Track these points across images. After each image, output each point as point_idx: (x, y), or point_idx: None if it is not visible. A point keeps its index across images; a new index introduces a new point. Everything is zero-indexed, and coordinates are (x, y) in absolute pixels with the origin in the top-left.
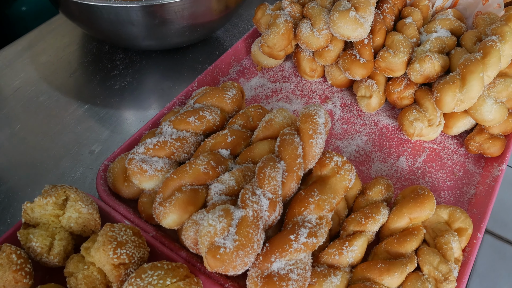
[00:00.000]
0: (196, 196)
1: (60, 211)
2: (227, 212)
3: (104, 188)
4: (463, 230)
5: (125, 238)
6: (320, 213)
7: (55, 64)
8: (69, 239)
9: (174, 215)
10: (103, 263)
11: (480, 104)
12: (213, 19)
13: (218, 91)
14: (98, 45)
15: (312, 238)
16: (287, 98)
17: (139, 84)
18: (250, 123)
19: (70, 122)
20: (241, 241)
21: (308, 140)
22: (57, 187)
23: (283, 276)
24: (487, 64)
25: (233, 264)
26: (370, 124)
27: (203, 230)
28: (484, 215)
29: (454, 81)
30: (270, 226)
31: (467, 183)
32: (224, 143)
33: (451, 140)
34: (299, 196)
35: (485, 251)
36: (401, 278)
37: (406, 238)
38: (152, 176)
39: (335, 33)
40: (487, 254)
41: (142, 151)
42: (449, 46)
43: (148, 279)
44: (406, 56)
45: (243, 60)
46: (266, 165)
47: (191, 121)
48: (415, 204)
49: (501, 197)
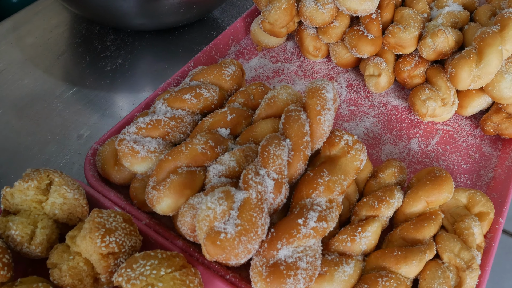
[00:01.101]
0: (193, 178)
1: (43, 197)
2: (228, 194)
3: (93, 173)
4: (484, 215)
5: (114, 225)
6: (330, 196)
7: (42, 46)
8: (53, 228)
9: (169, 199)
10: (90, 252)
11: (498, 80)
12: None
13: (216, 67)
14: (88, 26)
15: (322, 222)
16: (290, 79)
17: (131, 66)
18: (251, 101)
19: (57, 105)
20: (243, 226)
21: (315, 116)
22: (39, 170)
23: (290, 264)
24: (505, 37)
25: (235, 251)
26: (379, 105)
27: (201, 214)
28: (506, 198)
29: (470, 55)
30: (275, 210)
31: (484, 166)
32: (223, 121)
33: (465, 122)
34: (307, 177)
35: None
36: (419, 266)
37: (423, 223)
38: (144, 157)
39: (341, 6)
40: None
41: (133, 131)
42: (462, 21)
43: (140, 270)
44: (417, 32)
45: (242, 40)
46: (270, 143)
47: (187, 98)
48: (433, 186)
49: None
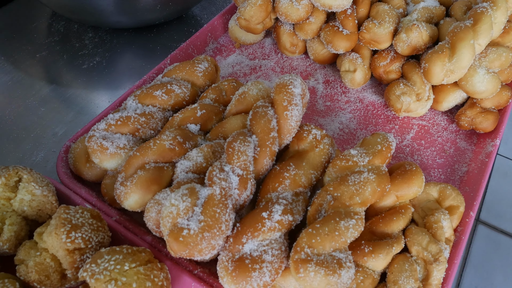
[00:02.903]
0: (161, 174)
1: (11, 194)
2: (192, 190)
3: (65, 171)
4: (454, 208)
5: (81, 221)
6: (297, 190)
7: (19, 44)
8: (22, 225)
9: (136, 195)
10: (56, 248)
11: (471, 74)
12: None
13: (188, 64)
14: (66, 24)
15: (288, 215)
16: (267, 76)
17: (109, 64)
18: (223, 97)
19: (33, 103)
20: (207, 222)
21: (282, 112)
22: (8, 167)
23: (256, 258)
24: (478, 31)
25: (198, 247)
26: (355, 101)
27: (165, 211)
28: (477, 192)
29: (443, 50)
30: (242, 206)
31: (458, 161)
32: (193, 117)
33: (441, 117)
34: (273, 172)
35: (480, 242)
36: (386, 259)
37: (392, 217)
38: (113, 154)
39: (316, 2)
40: (482, 244)
41: (103, 127)
42: (437, 16)
43: (104, 264)
44: (392, 27)
45: (220, 37)
46: (235, 140)
47: (158, 95)
48: (402, 181)
49: (495, 188)
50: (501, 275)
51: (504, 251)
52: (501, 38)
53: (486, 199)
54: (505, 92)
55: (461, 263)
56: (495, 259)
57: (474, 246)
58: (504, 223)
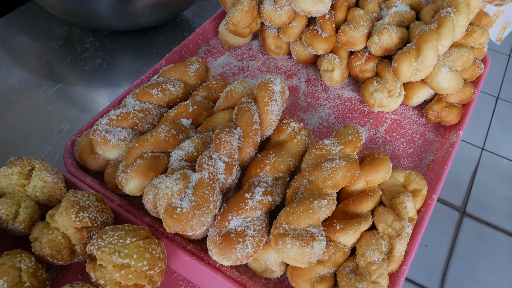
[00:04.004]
0: (157, 162)
1: (25, 181)
2: (184, 175)
3: (72, 162)
4: (417, 191)
5: (87, 203)
6: (276, 175)
7: (26, 48)
8: (35, 208)
9: (136, 180)
10: (67, 226)
11: (436, 72)
12: None
13: (181, 65)
14: (68, 29)
15: (268, 196)
16: (254, 75)
17: (108, 65)
18: (212, 95)
19: (40, 102)
20: (197, 202)
21: (264, 107)
22: (22, 158)
23: (240, 232)
24: (441, 34)
25: (190, 223)
26: (334, 98)
27: (161, 193)
28: (440, 178)
29: (410, 51)
30: (228, 189)
31: (426, 150)
32: (185, 113)
33: (412, 111)
34: (256, 159)
35: (466, 234)
36: (355, 235)
37: (362, 199)
38: (115, 145)
39: (296, 8)
40: (467, 236)
41: (105, 122)
42: (408, 20)
43: (109, 239)
44: (366, 30)
45: (211, 40)
46: (222, 131)
47: (154, 93)
48: (371, 167)
49: (481, 182)
50: (486, 265)
51: (488, 242)
52: (464, 40)
53: (472, 193)
54: (468, 88)
55: (448, 253)
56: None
57: (460, 237)
58: (488, 216)
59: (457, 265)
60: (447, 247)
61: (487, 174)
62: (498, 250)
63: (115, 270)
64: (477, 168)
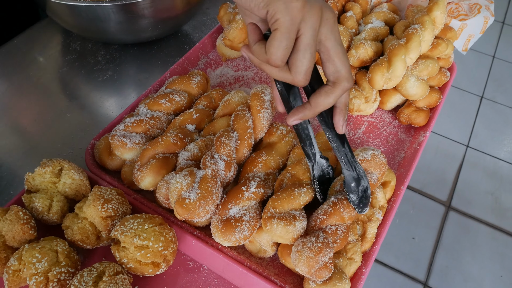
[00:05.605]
0: (167, 162)
1: (56, 179)
2: (191, 172)
3: (92, 162)
4: (387, 183)
5: (110, 196)
6: (267, 171)
7: (43, 62)
8: (64, 201)
9: (150, 177)
10: (94, 216)
11: (405, 81)
12: (178, 13)
13: (185, 78)
14: (81, 44)
15: (260, 189)
16: (248, 84)
17: (119, 77)
18: (212, 103)
19: (60, 111)
20: (202, 194)
21: (256, 114)
22: (52, 159)
23: (238, 218)
24: (409, 48)
25: (197, 211)
26: None
27: (172, 187)
28: (408, 172)
29: (382, 63)
30: (227, 183)
31: (398, 149)
32: (190, 119)
33: (386, 115)
34: (250, 158)
35: (451, 227)
36: None
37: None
38: (131, 148)
39: None
40: (452, 229)
41: (122, 128)
42: (382, 35)
43: (130, 225)
44: (345, 44)
45: (210, 53)
46: (222, 135)
47: (163, 103)
48: None
49: (465, 177)
50: (469, 256)
51: (472, 234)
52: (430, 52)
53: (457, 188)
54: (435, 94)
55: (434, 245)
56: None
57: (445, 230)
58: (472, 209)
59: (442, 256)
60: (433, 239)
61: (471, 170)
62: (481, 241)
63: (136, 250)
64: (462, 165)
